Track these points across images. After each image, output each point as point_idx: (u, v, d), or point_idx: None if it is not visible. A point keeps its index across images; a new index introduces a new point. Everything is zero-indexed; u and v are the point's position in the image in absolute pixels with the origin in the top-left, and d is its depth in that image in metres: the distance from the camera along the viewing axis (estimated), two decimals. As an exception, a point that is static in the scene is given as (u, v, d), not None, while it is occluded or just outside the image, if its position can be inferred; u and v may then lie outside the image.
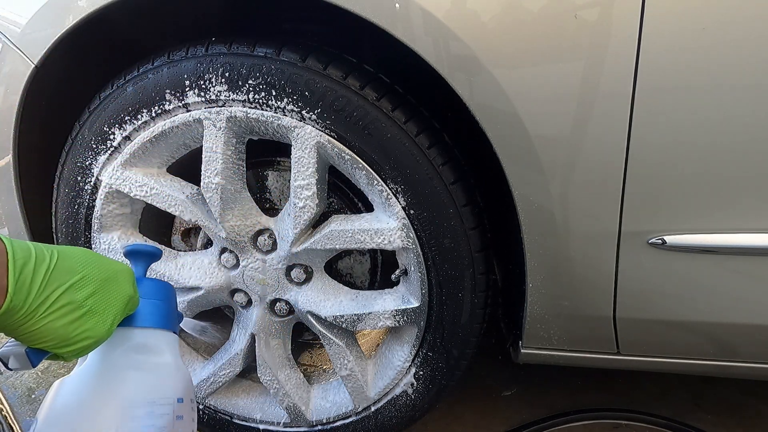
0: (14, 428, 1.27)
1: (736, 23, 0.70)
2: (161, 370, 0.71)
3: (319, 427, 1.11)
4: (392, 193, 0.88)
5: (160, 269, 1.03)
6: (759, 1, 0.69)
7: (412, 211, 0.88)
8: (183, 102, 0.90)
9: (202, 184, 0.93)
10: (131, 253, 0.75)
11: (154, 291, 0.73)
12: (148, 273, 0.76)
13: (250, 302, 1.05)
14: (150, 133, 0.93)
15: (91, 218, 1.01)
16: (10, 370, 0.62)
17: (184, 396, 0.72)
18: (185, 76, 0.88)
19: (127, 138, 0.94)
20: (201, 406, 1.16)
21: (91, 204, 1.00)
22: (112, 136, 0.95)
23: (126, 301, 0.65)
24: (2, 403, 1.35)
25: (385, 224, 0.90)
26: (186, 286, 1.03)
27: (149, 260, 0.76)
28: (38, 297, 0.56)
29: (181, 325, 1.03)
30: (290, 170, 0.90)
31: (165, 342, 0.73)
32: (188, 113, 0.91)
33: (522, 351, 0.99)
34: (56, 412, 0.67)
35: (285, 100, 0.86)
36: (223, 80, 0.87)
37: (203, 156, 0.91)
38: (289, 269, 1.00)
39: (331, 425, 1.11)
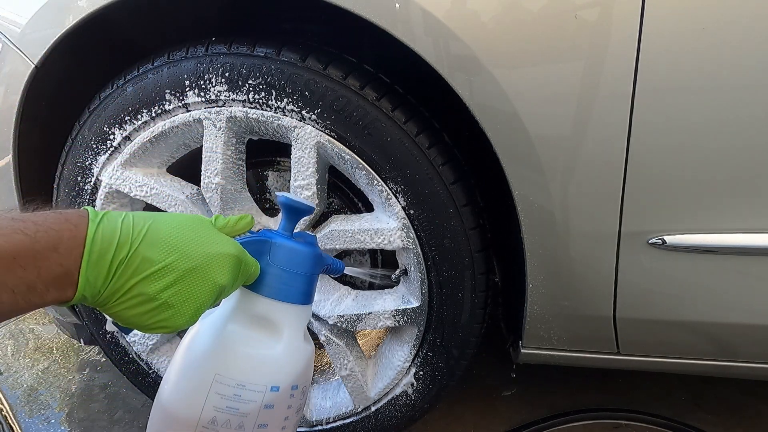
0: (14, 428, 1.27)
1: (736, 23, 0.70)
2: (267, 353, 0.69)
3: (319, 427, 1.11)
4: (392, 193, 0.88)
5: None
6: (759, 1, 0.69)
7: (412, 211, 0.88)
8: (183, 102, 0.90)
9: (202, 184, 0.93)
10: (282, 206, 0.71)
11: (293, 258, 0.69)
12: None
13: (250, 302, 1.05)
14: (150, 133, 0.93)
15: (91, 218, 1.01)
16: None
17: (284, 384, 0.69)
18: (185, 76, 0.88)
19: (127, 138, 0.94)
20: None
21: (91, 204, 1.00)
22: (112, 136, 0.95)
23: (216, 291, 0.60)
24: (2, 403, 1.35)
25: (385, 224, 0.90)
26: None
27: (298, 216, 0.72)
28: (110, 288, 0.54)
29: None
30: (290, 170, 0.90)
31: (288, 318, 0.70)
32: (188, 113, 0.91)
33: (522, 351, 0.98)
34: (181, 355, 0.71)
35: (285, 100, 0.86)
36: (223, 80, 0.87)
37: (203, 156, 0.91)
38: (289, 269, 1.00)
39: (331, 425, 1.11)
